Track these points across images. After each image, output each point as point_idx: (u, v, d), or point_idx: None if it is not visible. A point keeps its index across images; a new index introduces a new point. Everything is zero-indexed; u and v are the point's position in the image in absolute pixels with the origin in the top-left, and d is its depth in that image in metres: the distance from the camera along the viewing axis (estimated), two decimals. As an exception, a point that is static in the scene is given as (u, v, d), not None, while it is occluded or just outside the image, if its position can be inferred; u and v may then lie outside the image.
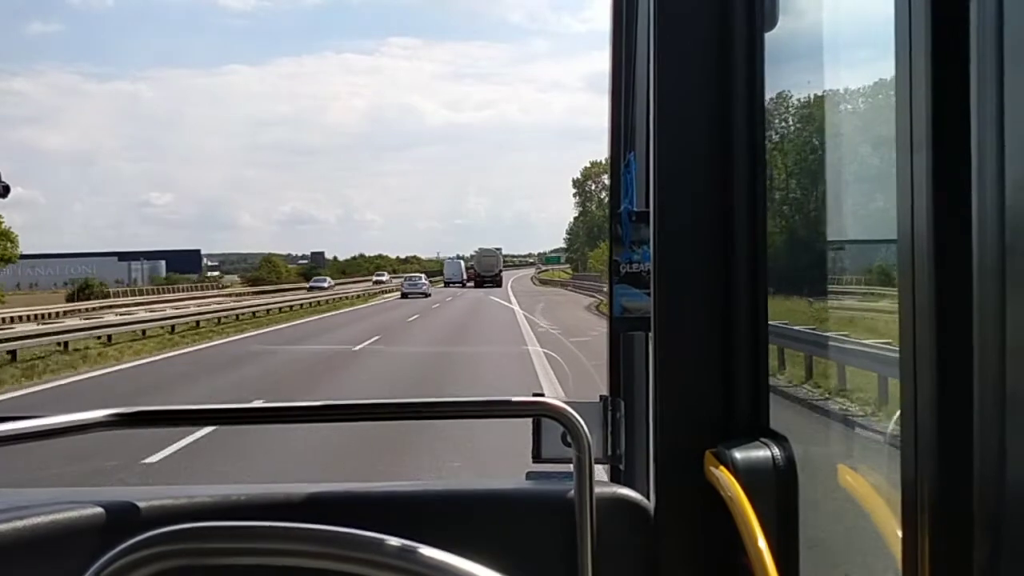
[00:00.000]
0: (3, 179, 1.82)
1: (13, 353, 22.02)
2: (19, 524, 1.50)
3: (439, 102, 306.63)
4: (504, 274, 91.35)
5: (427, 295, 66.81)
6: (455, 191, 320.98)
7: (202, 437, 10.42)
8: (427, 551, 0.82)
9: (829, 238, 1.85)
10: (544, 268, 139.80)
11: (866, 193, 1.70)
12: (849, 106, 1.84)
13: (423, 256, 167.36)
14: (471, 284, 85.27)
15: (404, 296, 67.00)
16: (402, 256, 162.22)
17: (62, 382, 18.27)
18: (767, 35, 1.63)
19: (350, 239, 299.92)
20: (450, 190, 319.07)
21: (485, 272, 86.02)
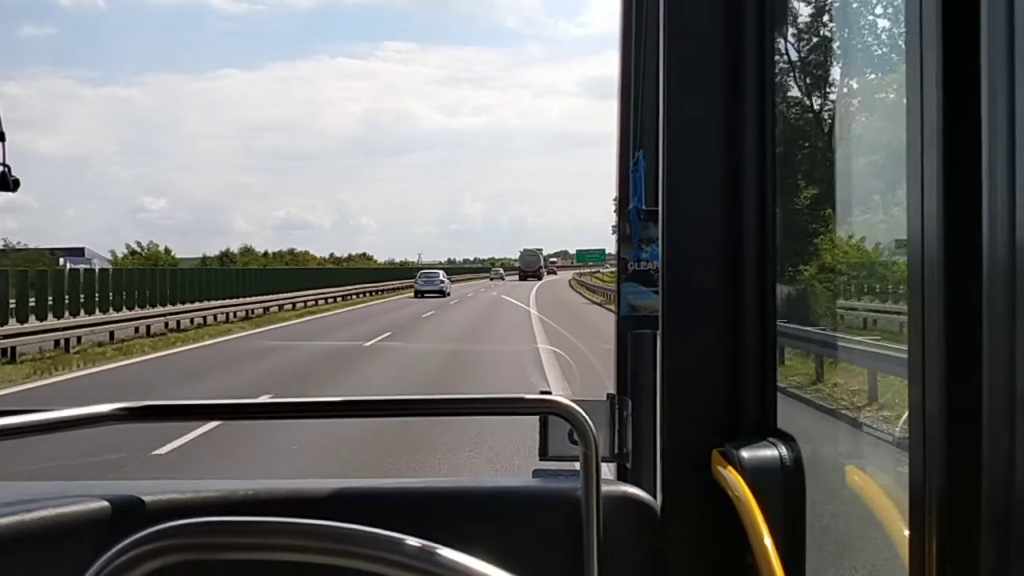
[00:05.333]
0: (13, 173, 1.83)
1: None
2: (26, 517, 1.51)
3: (435, 107, 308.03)
4: (508, 282, 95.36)
5: (503, 278, 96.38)
6: (451, 196, 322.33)
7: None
8: (438, 550, 0.82)
9: (838, 237, 1.85)
10: (583, 272, 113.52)
11: (875, 194, 1.70)
12: (859, 107, 1.84)
13: (379, 256, 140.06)
14: (516, 278, 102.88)
15: (491, 280, 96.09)
16: (343, 254, 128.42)
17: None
18: (777, 33, 1.62)
19: (345, 244, 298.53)
20: (446, 195, 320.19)
21: (528, 268, 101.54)
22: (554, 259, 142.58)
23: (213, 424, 10.00)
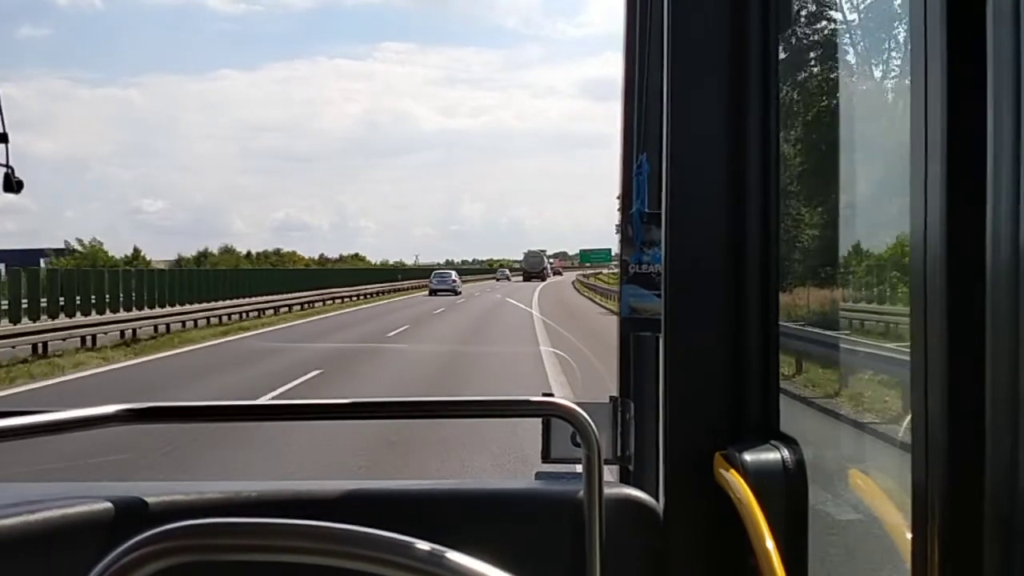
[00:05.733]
0: (17, 175, 1.83)
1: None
2: (30, 518, 1.52)
3: (433, 108, 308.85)
4: (513, 283, 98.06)
5: (509, 279, 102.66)
6: (450, 197, 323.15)
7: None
8: (446, 554, 0.82)
9: (841, 241, 1.85)
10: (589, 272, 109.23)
11: (879, 197, 1.70)
12: (863, 110, 1.83)
13: (376, 258, 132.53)
14: (520, 279, 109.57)
15: (497, 280, 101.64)
16: (336, 255, 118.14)
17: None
18: (781, 36, 1.63)
19: (344, 246, 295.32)
20: (445, 196, 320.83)
21: (531, 269, 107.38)
22: (551, 260, 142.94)
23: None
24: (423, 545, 0.82)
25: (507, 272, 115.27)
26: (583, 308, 41.34)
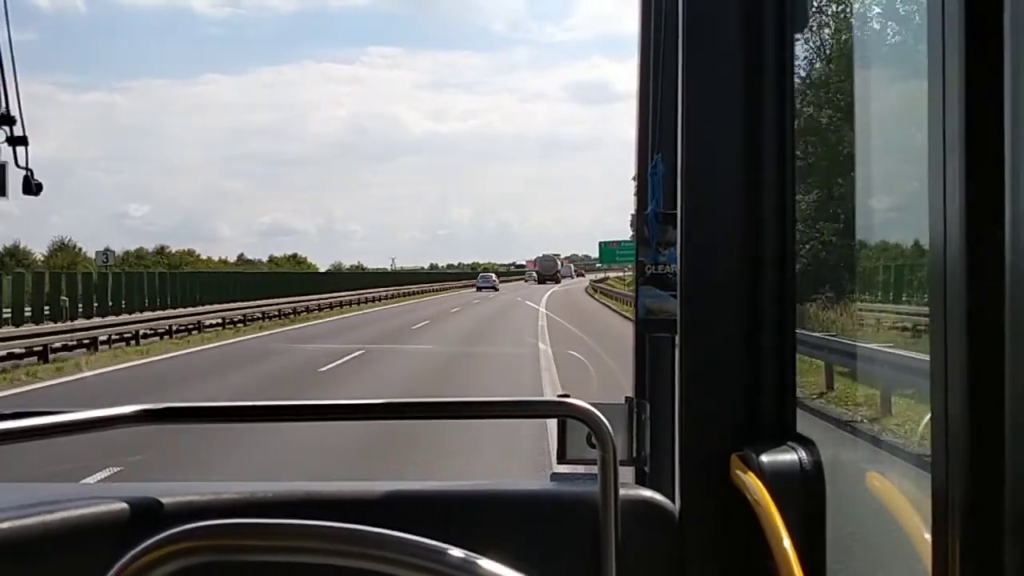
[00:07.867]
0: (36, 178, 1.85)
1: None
2: (47, 518, 1.53)
3: (421, 112, 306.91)
4: (523, 286, 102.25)
5: (536, 280, 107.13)
6: (438, 201, 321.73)
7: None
8: (468, 557, 0.81)
9: (858, 241, 1.84)
10: (605, 274, 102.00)
11: (897, 197, 1.68)
12: (880, 109, 1.82)
13: (362, 261, 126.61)
14: (535, 281, 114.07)
15: (526, 281, 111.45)
16: (266, 255, 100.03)
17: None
18: (797, 36, 1.62)
19: (331, 250, 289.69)
20: (433, 200, 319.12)
21: (546, 272, 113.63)
22: (570, 264, 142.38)
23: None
24: (450, 550, 0.81)
25: (534, 274, 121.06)
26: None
